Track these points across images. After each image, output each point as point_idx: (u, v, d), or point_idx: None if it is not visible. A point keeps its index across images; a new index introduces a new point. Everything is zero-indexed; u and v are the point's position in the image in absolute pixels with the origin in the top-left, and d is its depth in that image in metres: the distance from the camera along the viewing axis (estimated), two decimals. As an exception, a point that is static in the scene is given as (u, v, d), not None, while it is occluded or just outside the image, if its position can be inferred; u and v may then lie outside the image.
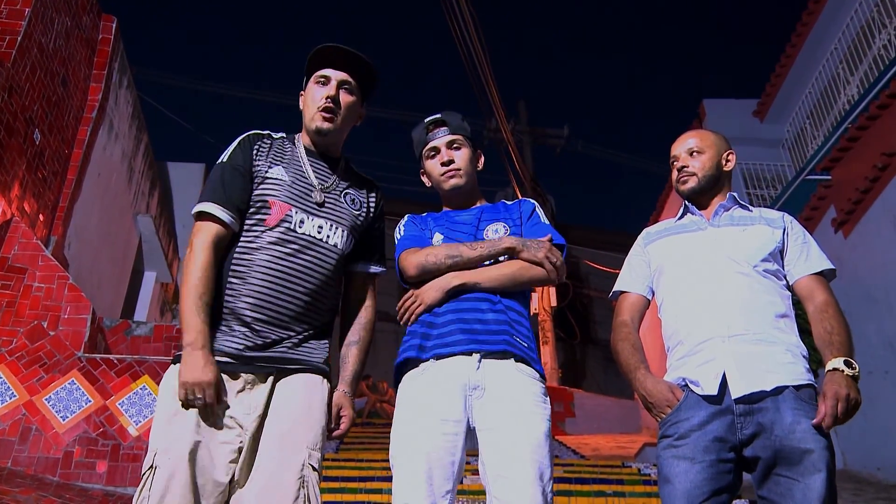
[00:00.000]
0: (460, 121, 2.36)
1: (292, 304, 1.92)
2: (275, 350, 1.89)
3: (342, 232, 2.04)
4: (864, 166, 6.57)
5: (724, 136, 2.35)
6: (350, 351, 2.07)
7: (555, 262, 2.11)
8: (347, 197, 2.11)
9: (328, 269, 2.00)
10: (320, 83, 2.07)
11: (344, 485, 4.88)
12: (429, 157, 2.35)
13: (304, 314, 1.95)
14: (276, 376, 1.88)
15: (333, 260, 2.01)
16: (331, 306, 2.06)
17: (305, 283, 1.94)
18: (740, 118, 11.00)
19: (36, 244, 5.35)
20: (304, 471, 1.79)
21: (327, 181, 2.09)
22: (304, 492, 1.77)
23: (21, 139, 5.64)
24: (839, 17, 9.25)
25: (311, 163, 2.10)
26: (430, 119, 2.35)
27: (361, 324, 2.12)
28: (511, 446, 1.91)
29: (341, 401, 1.99)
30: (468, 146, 2.34)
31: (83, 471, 4.49)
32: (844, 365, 1.90)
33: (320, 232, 2.00)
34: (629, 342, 2.18)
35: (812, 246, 2.17)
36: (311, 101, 2.08)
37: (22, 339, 4.84)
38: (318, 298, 1.98)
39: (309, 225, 1.98)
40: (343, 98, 2.07)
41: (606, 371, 18.15)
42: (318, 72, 2.08)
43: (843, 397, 1.84)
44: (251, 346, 1.87)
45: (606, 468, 6.38)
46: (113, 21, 7.57)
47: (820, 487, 1.80)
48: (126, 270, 8.84)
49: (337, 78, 2.06)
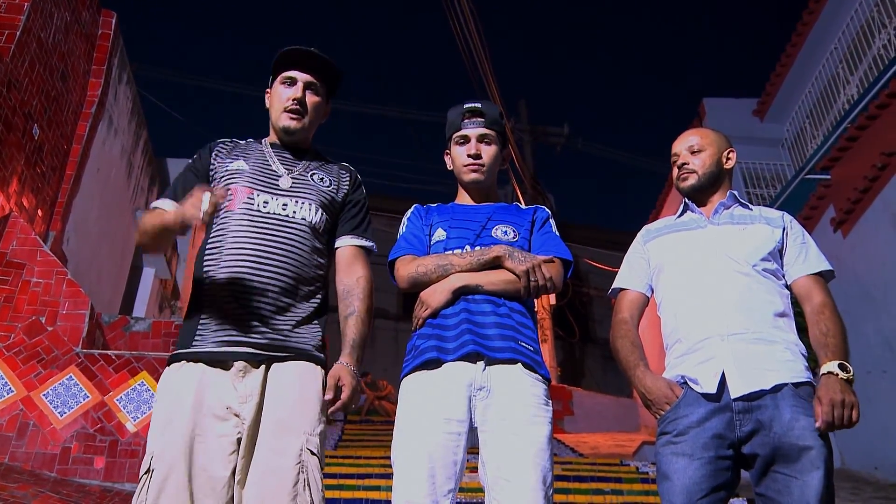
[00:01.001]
0: (497, 115, 2.34)
1: (268, 283, 1.92)
2: (263, 335, 1.89)
3: (309, 205, 2.06)
4: (864, 166, 6.56)
5: (724, 135, 2.35)
6: (346, 323, 2.03)
7: (535, 280, 2.07)
8: (315, 176, 2.14)
9: (300, 244, 2.01)
10: (286, 84, 2.14)
11: (342, 482, 4.88)
12: (458, 143, 2.33)
13: (284, 292, 1.94)
14: (267, 363, 1.88)
15: (304, 234, 2.02)
16: (313, 284, 2.04)
17: (278, 259, 1.95)
18: (740, 117, 10.99)
19: (34, 239, 5.34)
20: (302, 455, 1.79)
21: (294, 168, 2.13)
22: (303, 476, 1.77)
23: (20, 134, 5.63)
24: (839, 17, 9.24)
25: (276, 154, 2.15)
26: (469, 107, 2.33)
27: (354, 294, 2.07)
28: (514, 449, 1.90)
29: (338, 371, 1.93)
30: (498, 143, 2.33)
31: (81, 466, 4.49)
32: (839, 368, 1.90)
33: (285, 208, 2.03)
34: (628, 339, 2.18)
35: (811, 246, 2.17)
36: (277, 100, 2.15)
37: (20, 334, 4.83)
38: (297, 275, 1.98)
39: (273, 204, 2.02)
40: (309, 99, 2.14)
41: (605, 370, 18.16)
42: (284, 73, 2.15)
43: (839, 402, 1.83)
44: (237, 332, 1.87)
45: (605, 466, 6.37)
46: (112, 16, 7.57)
47: (818, 485, 1.80)
48: (125, 266, 8.84)
49: (303, 79, 2.13)
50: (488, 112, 2.32)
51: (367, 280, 2.11)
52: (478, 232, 2.21)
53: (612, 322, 2.27)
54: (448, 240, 2.21)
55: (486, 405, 1.97)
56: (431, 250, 2.23)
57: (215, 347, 1.85)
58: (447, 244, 2.21)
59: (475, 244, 2.18)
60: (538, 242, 2.24)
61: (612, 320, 2.28)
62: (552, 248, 2.20)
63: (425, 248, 2.24)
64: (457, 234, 2.22)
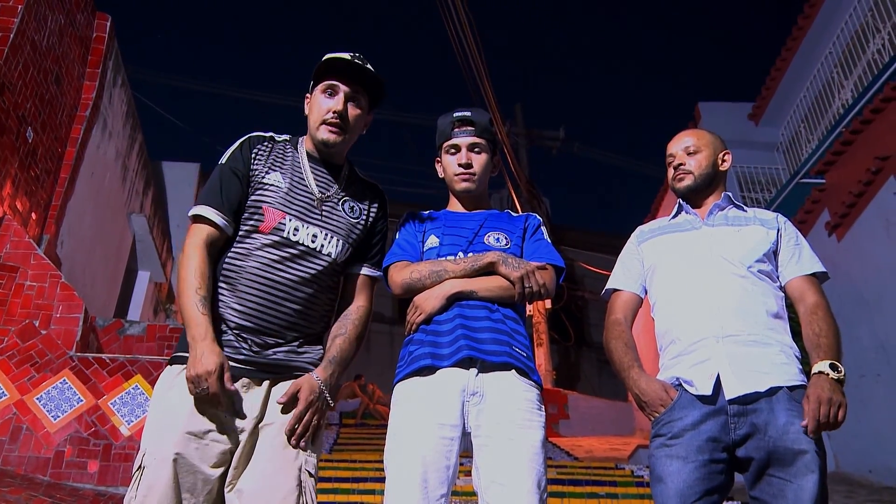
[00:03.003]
0: (487, 123, 2.34)
1: (281, 314, 1.91)
2: (270, 358, 1.88)
3: (337, 241, 2.02)
4: (858, 170, 6.58)
5: (720, 137, 2.35)
6: (333, 342, 2.01)
7: (530, 286, 2.07)
8: (346, 205, 2.09)
9: (320, 279, 1.98)
10: (327, 94, 2.06)
11: (337, 485, 4.88)
12: (448, 152, 2.32)
13: (294, 323, 1.93)
14: (271, 381, 1.88)
15: (327, 269, 2.00)
16: (323, 314, 2.04)
17: (296, 292, 1.93)
18: (735, 121, 11.02)
19: (28, 243, 5.32)
20: (301, 476, 1.80)
21: (328, 190, 2.07)
22: (303, 499, 1.78)
23: (13, 137, 5.62)
24: (834, 22, 9.28)
25: (312, 169, 2.08)
26: (459, 116, 2.32)
27: (350, 318, 2.06)
28: (508, 454, 1.90)
29: (301, 382, 1.87)
30: (488, 152, 2.32)
31: (74, 470, 4.47)
32: (830, 368, 1.90)
33: (314, 241, 1.98)
34: (622, 340, 2.18)
35: (804, 248, 2.17)
36: (317, 109, 2.07)
37: (13, 337, 4.81)
38: (309, 308, 1.97)
39: (303, 233, 1.97)
40: (350, 111, 2.07)
41: (600, 373, 18.17)
42: (326, 80, 2.07)
43: (826, 401, 1.83)
44: (244, 350, 1.86)
45: (600, 470, 6.38)
46: (107, 19, 7.55)
47: (812, 488, 1.80)
48: (119, 270, 8.82)
49: (344, 91, 2.05)
50: (478, 120, 2.31)
51: (367, 310, 2.11)
52: (470, 239, 2.21)
53: (606, 323, 2.26)
54: (441, 246, 2.21)
55: (480, 410, 1.97)
56: (424, 257, 2.23)
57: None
58: (440, 251, 2.21)
59: (468, 251, 2.18)
60: (530, 249, 2.24)
61: (605, 321, 2.27)
62: (544, 254, 2.20)
63: (418, 255, 2.24)
64: (450, 240, 2.22)
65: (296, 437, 1.82)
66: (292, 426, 1.82)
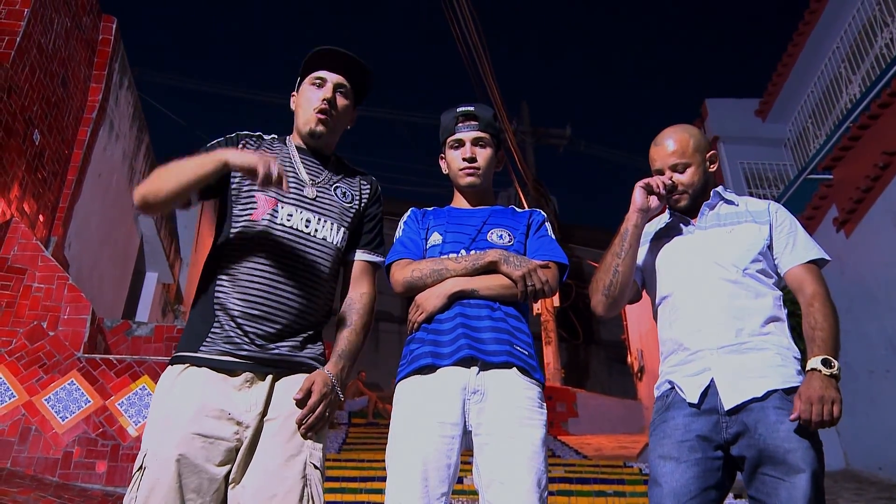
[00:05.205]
0: (491, 118, 2.33)
1: (283, 300, 1.89)
2: (272, 351, 1.87)
3: (332, 225, 2.02)
4: (866, 165, 6.55)
5: (701, 133, 2.27)
6: (340, 334, 2.00)
7: (532, 284, 2.06)
8: (338, 190, 2.09)
9: (318, 264, 1.97)
10: (315, 85, 2.07)
11: (345, 485, 4.88)
12: (452, 147, 2.32)
13: (297, 310, 1.92)
14: (274, 376, 1.87)
15: (324, 254, 1.99)
16: (325, 303, 2.02)
17: (295, 278, 1.92)
18: (742, 117, 10.99)
19: (35, 245, 5.35)
20: (307, 469, 1.78)
21: (318, 177, 2.08)
22: (308, 490, 1.76)
23: (20, 140, 5.64)
24: (841, 17, 9.23)
25: (302, 160, 2.09)
26: (462, 111, 2.31)
27: (354, 308, 2.05)
28: (509, 452, 1.90)
29: (314, 377, 1.87)
30: (492, 146, 2.31)
31: (83, 471, 4.49)
32: (822, 364, 1.86)
33: (308, 225, 1.98)
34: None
35: (799, 235, 2.12)
36: (305, 102, 2.08)
37: (21, 339, 4.84)
38: (311, 294, 1.95)
39: (297, 218, 1.97)
40: (339, 101, 2.08)
41: (610, 371, 18.15)
42: (313, 73, 2.08)
43: (817, 399, 1.80)
44: (247, 344, 1.85)
45: (608, 468, 6.36)
46: (113, 22, 7.57)
47: (805, 486, 1.77)
48: (127, 271, 8.84)
49: (333, 80, 2.06)
50: (482, 115, 2.30)
51: (370, 297, 2.09)
52: (473, 236, 2.20)
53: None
54: (444, 244, 2.21)
55: (481, 409, 1.97)
56: (427, 254, 2.22)
57: (223, 356, 1.83)
58: (443, 248, 2.20)
59: (471, 248, 2.18)
60: (534, 246, 2.23)
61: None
62: (548, 251, 2.19)
63: (421, 252, 2.23)
64: (453, 237, 2.21)
65: (306, 427, 1.81)
66: (305, 416, 1.81)
